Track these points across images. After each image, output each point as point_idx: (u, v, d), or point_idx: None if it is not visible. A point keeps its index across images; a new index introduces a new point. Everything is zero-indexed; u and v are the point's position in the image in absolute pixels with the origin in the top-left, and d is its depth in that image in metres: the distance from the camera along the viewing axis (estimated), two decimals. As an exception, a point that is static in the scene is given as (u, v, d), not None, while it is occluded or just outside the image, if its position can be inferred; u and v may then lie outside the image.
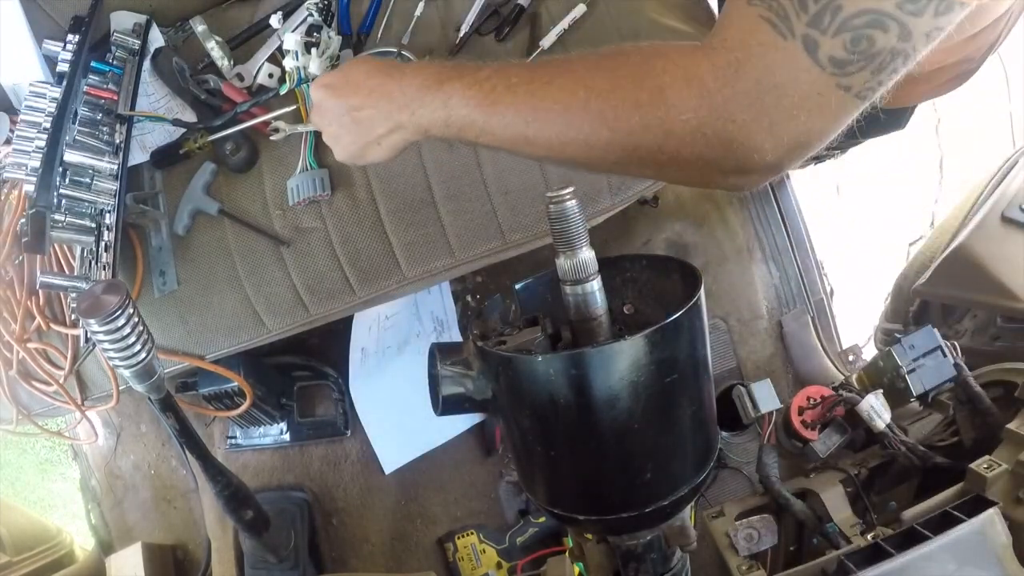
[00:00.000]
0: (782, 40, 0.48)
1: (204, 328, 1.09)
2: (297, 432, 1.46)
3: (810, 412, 1.08)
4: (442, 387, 0.63)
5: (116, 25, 1.10)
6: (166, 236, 1.10)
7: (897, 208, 1.98)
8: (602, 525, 0.65)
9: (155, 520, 1.59)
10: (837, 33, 0.47)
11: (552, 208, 0.57)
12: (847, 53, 0.47)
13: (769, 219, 1.49)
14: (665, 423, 0.59)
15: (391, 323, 1.46)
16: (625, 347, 0.54)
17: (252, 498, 1.07)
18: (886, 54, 0.47)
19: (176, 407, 0.89)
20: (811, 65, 0.48)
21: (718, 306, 1.45)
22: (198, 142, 1.07)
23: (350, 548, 1.44)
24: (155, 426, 1.59)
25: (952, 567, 0.68)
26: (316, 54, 1.05)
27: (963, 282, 1.11)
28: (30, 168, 0.96)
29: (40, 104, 1.00)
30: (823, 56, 0.48)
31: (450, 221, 1.03)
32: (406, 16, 1.10)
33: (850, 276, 1.82)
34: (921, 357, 1.01)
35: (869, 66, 0.48)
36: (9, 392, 1.16)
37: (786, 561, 0.96)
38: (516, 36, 1.06)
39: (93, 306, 0.70)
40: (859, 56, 0.47)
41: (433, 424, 1.44)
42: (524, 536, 1.37)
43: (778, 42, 0.48)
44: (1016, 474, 0.76)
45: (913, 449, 0.94)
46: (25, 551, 1.46)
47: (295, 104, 1.07)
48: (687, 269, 0.65)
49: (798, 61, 0.48)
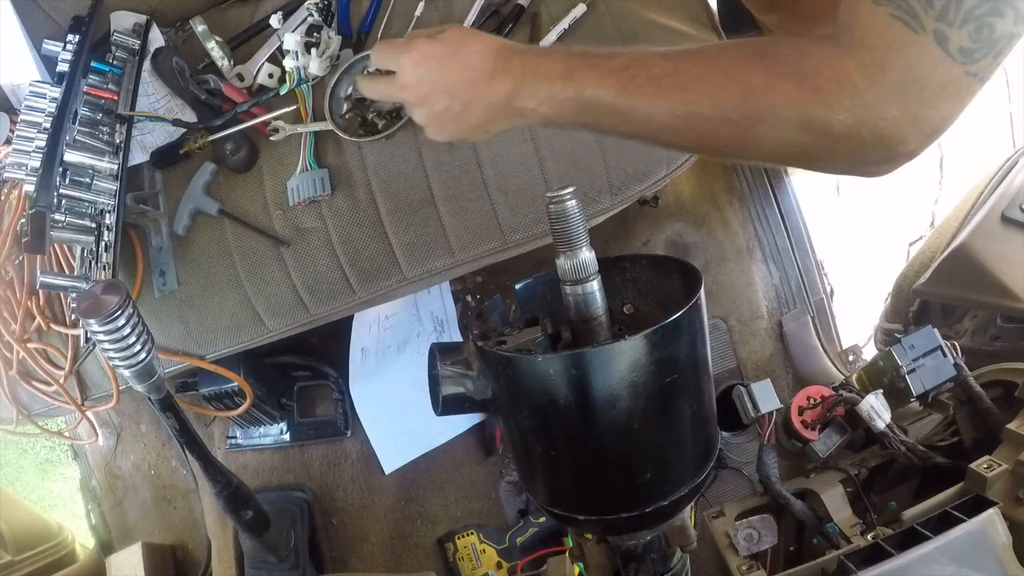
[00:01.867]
0: (915, 36, 0.52)
1: (204, 328, 1.09)
2: (297, 432, 1.46)
3: (810, 412, 1.08)
4: (442, 387, 0.63)
5: (116, 25, 1.10)
6: (166, 236, 1.10)
7: (897, 208, 1.98)
8: (602, 525, 0.65)
9: (155, 520, 1.59)
10: (963, 24, 0.51)
11: (552, 208, 0.57)
12: (972, 42, 0.51)
13: (769, 219, 1.49)
14: (665, 423, 0.59)
15: (391, 323, 1.46)
16: (625, 347, 0.54)
17: (252, 498, 1.07)
18: (1005, 39, 0.51)
19: (176, 407, 0.89)
20: (943, 57, 0.52)
21: (718, 306, 1.45)
22: (198, 142, 1.07)
23: (350, 548, 1.44)
24: (155, 426, 1.59)
25: (952, 567, 0.68)
26: (316, 54, 1.05)
27: (963, 282, 1.11)
28: (30, 168, 0.96)
29: (40, 104, 1.00)
30: (953, 47, 0.51)
31: (450, 221, 1.03)
32: (406, 16, 1.10)
33: (850, 276, 1.81)
34: (921, 357, 1.01)
35: (991, 52, 0.52)
36: (9, 392, 1.16)
37: (786, 561, 0.96)
38: (516, 36, 1.06)
39: (93, 306, 0.70)
40: (983, 44, 0.51)
41: (433, 424, 1.44)
42: (524, 536, 1.37)
43: (912, 39, 0.52)
44: (1016, 474, 0.76)
45: (913, 449, 0.94)
46: (27, 550, 1.46)
47: (295, 104, 1.07)
48: (687, 269, 0.65)
49: (932, 54, 0.52)
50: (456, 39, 0.70)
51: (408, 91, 0.73)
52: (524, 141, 1.01)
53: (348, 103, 1.09)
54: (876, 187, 1.98)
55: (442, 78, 0.70)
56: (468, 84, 0.69)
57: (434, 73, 0.70)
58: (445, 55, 0.69)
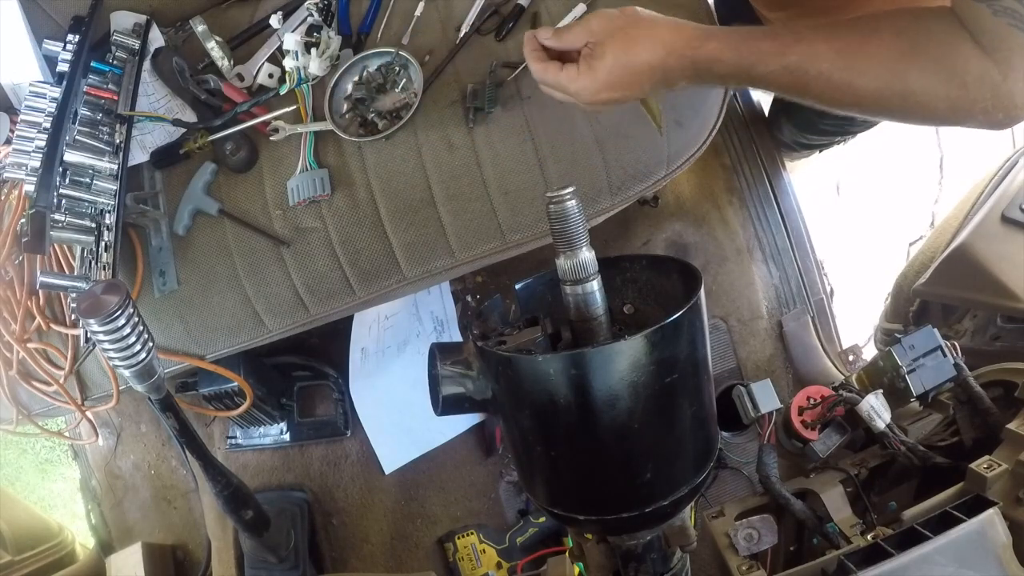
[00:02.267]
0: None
1: (204, 328, 1.09)
2: (297, 432, 1.46)
3: (810, 412, 1.08)
4: (442, 387, 0.63)
5: (116, 25, 1.10)
6: (166, 236, 1.10)
7: (897, 208, 1.98)
8: (602, 525, 0.65)
9: (155, 520, 1.59)
10: None
11: (552, 208, 0.57)
12: None
13: (769, 219, 1.49)
14: (665, 423, 0.59)
15: (391, 323, 1.46)
16: (625, 347, 0.54)
17: (252, 498, 1.07)
18: None
19: (176, 407, 0.89)
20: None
21: (718, 306, 1.45)
22: (198, 142, 1.07)
23: (350, 548, 1.44)
24: (155, 426, 1.59)
25: (952, 567, 0.68)
26: (316, 54, 1.05)
27: (963, 282, 1.11)
28: (30, 168, 0.96)
29: (40, 104, 1.00)
30: None
31: (450, 221, 1.03)
32: (406, 16, 1.10)
33: (850, 276, 1.81)
34: (921, 357, 1.01)
35: None
36: (9, 392, 1.16)
37: (786, 561, 0.96)
38: (516, 36, 1.06)
39: (93, 306, 0.70)
40: None
41: (433, 424, 1.44)
42: (524, 536, 1.37)
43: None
44: (1016, 474, 0.76)
45: (913, 449, 0.94)
46: (27, 550, 1.46)
47: (295, 104, 1.07)
48: (687, 269, 0.65)
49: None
50: (637, 25, 0.76)
51: (589, 64, 0.77)
52: (524, 141, 1.01)
53: (348, 103, 1.09)
54: (876, 187, 1.98)
55: (624, 55, 0.75)
56: (643, 73, 0.75)
57: (618, 50, 0.75)
58: (630, 23, 0.76)
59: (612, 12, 0.77)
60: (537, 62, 0.81)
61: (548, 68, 0.80)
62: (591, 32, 0.77)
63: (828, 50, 0.69)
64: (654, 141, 1.00)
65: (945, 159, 2.02)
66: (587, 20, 0.78)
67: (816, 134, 1.49)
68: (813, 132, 1.48)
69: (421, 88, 1.05)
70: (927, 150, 2.02)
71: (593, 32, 0.77)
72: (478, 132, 1.03)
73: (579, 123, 1.01)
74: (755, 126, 1.55)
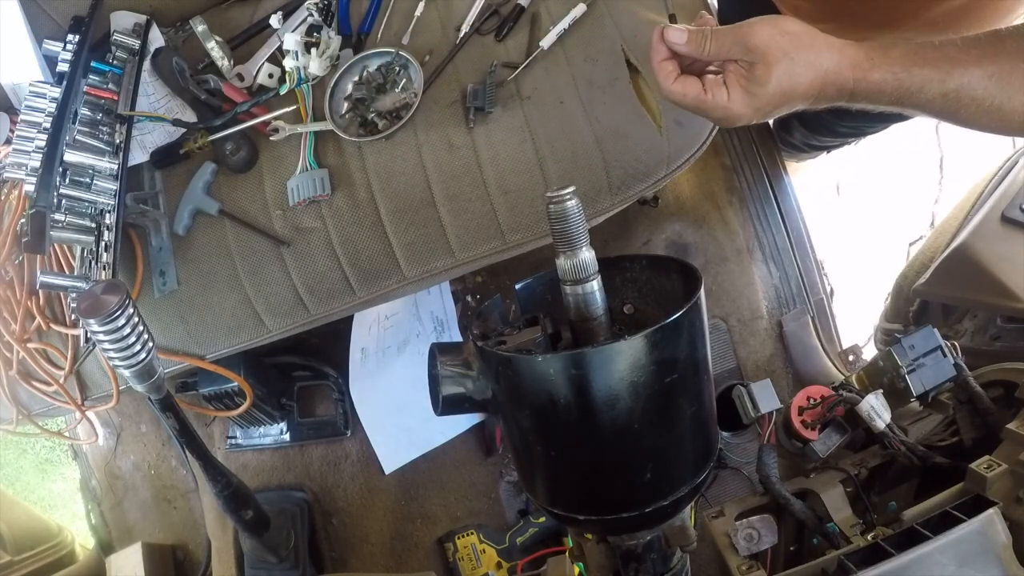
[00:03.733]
0: None
1: (204, 328, 1.09)
2: (297, 432, 1.46)
3: (810, 412, 1.07)
4: (442, 387, 0.63)
5: (116, 25, 1.10)
6: (166, 236, 1.10)
7: (897, 208, 1.98)
8: (602, 525, 0.65)
9: (155, 520, 1.59)
10: None
11: (552, 208, 0.57)
12: None
13: (769, 219, 1.49)
14: (665, 423, 0.59)
15: (391, 323, 1.46)
16: (625, 347, 0.54)
17: (252, 498, 1.07)
18: None
19: (176, 407, 0.89)
20: None
21: (718, 306, 1.45)
22: (198, 142, 1.07)
23: (350, 548, 1.44)
24: (155, 426, 1.59)
25: (952, 567, 0.68)
26: (316, 54, 1.05)
27: (963, 282, 1.11)
28: (30, 168, 0.96)
29: (40, 104, 1.00)
30: None
31: (450, 221, 1.03)
32: (406, 16, 1.10)
33: (850, 276, 1.82)
34: (921, 357, 1.01)
35: None
36: (9, 392, 1.16)
37: (786, 561, 0.96)
38: (516, 36, 1.06)
39: (93, 306, 0.70)
40: None
41: (433, 424, 1.44)
42: (524, 536, 1.37)
43: None
44: (1016, 474, 0.76)
45: (913, 449, 0.94)
46: (26, 550, 1.46)
47: (295, 104, 1.07)
48: (687, 269, 0.65)
49: None
50: (802, 53, 0.68)
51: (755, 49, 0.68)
52: (524, 141, 1.01)
53: (348, 103, 1.09)
54: (876, 187, 1.98)
55: (790, 57, 0.67)
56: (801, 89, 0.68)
57: (788, 48, 0.67)
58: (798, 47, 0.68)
59: (772, 28, 0.67)
60: (670, 76, 0.71)
61: (687, 88, 0.70)
62: (747, 49, 0.67)
63: (982, 76, 0.67)
64: (654, 141, 1.00)
65: (945, 159, 2.02)
66: (742, 32, 0.68)
67: (830, 136, 1.48)
68: (826, 134, 1.47)
69: (421, 88, 1.05)
70: (927, 150, 2.03)
71: (751, 50, 0.67)
72: (478, 132, 1.03)
73: (579, 123, 1.01)
74: (755, 126, 1.55)
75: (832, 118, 1.35)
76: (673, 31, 0.71)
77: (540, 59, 1.04)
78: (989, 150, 1.67)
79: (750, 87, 0.68)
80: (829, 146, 1.62)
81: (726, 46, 0.68)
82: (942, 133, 2.02)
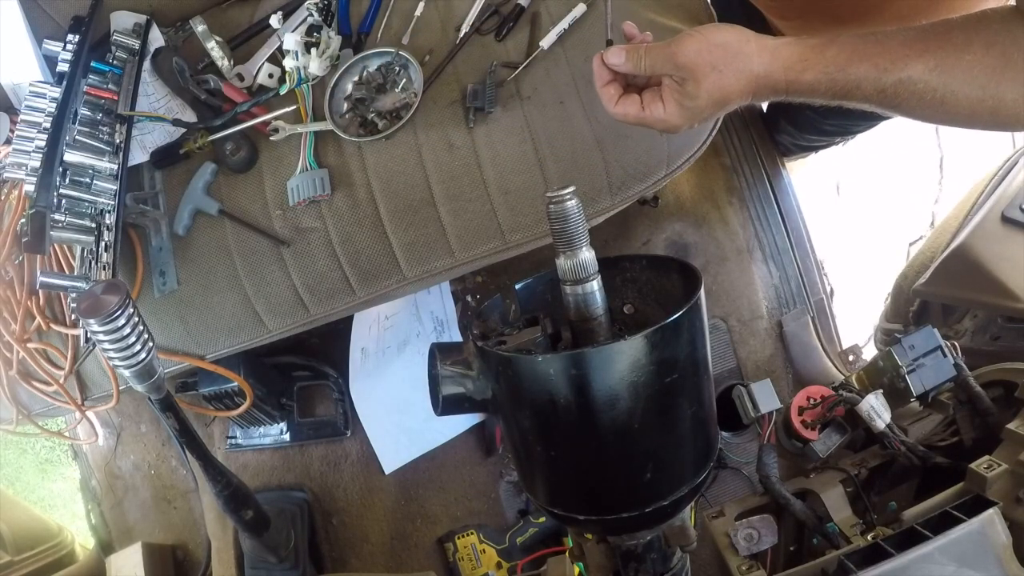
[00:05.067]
0: None
1: (204, 328, 1.09)
2: (297, 432, 1.46)
3: (810, 412, 1.08)
4: (442, 387, 0.63)
5: (116, 25, 1.10)
6: (166, 236, 1.10)
7: (897, 208, 1.98)
8: (602, 525, 0.65)
9: (155, 520, 1.59)
10: None
11: (552, 208, 0.57)
12: None
13: (769, 219, 1.49)
14: (665, 423, 0.59)
15: (391, 323, 1.46)
16: (625, 347, 0.54)
17: (252, 498, 1.07)
18: None
19: (176, 407, 0.89)
20: None
21: (718, 306, 1.45)
22: (198, 142, 1.07)
23: (350, 548, 1.44)
24: (155, 426, 1.59)
25: (952, 567, 0.68)
26: (316, 54, 1.05)
27: (963, 282, 1.11)
28: (30, 168, 0.96)
29: (40, 104, 1.00)
30: None
31: (450, 221, 1.03)
32: (406, 16, 1.10)
33: (850, 276, 1.81)
34: (921, 357, 1.01)
35: None
36: (9, 392, 1.16)
37: (786, 561, 0.96)
38: (516, 36, 1.06)
39: (93, 306, 0.70)
40: None
41: (433, 424, 1.44)
42: (524, 536, 1.37)
43: None
44: (1016, 474, 0.76)
45: (913, 449, 0.94)
46: (26, 550, 1.46)
47: (295, 104, 1.07)
48: (687, 269, 0.65)
49: None
50: (727, 52, 0.71)
51: (685, 62, 0.71)
52: (524, 141, 1.01)
53: (348, 103, 1.09)
54: (876, 187, 1.98)
55: (714, 82, 0.71)
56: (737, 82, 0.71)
57: (709, 80, 0.71)
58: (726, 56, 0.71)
59: (700, 43, 0.71)
60: (612, 99, 0.76)
61: (627, 108, 0.75)
62: (677, 66, 0.71)
63: (923, 70, 0.67)
64: (654, 141, 1.00)
65: (945, 159, 2.02)
66: (671, 50, 0.71)
67: (817, 135, 1.48)
68: (814, 133, 1.47)
69: (421, 88, 1.05)
70: (927, 150, 2.03)
71: (680, 67, 0.71)
72: (478, 132, 1.03)
73: (579, 123, 1.01)
74: (755, 126, 1.55)
75: (816, 115, 1.35)
76: (611, 53, 0.75)
77: (540, 59, 1.04)
78: (989, 150, 1.67)
79: (683, 100, 0.72)
80: (818, 146, 1.61)
81: (659, 62, 0.72)
82: (942, 133, 2.02)
